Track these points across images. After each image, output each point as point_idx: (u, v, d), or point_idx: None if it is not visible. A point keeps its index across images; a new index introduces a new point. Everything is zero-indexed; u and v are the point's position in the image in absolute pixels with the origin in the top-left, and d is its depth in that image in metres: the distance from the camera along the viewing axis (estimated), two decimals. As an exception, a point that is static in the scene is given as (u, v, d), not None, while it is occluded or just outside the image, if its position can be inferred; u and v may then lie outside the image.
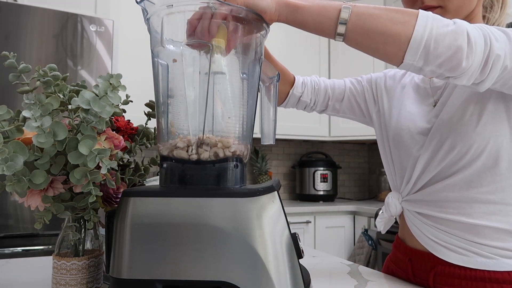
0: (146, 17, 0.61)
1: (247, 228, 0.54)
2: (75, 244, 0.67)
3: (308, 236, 2.64)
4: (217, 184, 0.58)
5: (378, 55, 0.62)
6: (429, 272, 0.80)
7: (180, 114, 0.61)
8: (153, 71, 0.63)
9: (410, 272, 0.85)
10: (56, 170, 0.60)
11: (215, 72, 0.59)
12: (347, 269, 0.93)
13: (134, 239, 0.55)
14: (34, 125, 0.54)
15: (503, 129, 0.73)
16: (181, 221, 0.55)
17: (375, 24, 0.60)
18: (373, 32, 0.60)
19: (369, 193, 3.45)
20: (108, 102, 0.59)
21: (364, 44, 0.62)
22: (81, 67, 1.96)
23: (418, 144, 0.82)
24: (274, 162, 3.28)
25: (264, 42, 0.67)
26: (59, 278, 0.65)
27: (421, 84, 0.88)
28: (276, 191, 0.59)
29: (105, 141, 0.64)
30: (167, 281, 0.54)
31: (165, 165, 0.60)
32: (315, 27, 0.62)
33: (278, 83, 0.77)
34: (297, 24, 0.63)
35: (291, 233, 0.58)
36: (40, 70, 0.63)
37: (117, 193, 0.70)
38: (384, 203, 0.93)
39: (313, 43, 3.06)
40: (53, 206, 0.62)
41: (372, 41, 0.61)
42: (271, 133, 0.76)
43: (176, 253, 0.54)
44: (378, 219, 0.96)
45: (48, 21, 1.90)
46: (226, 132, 0.60)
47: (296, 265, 0.56)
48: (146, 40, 0.76)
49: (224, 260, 0.53)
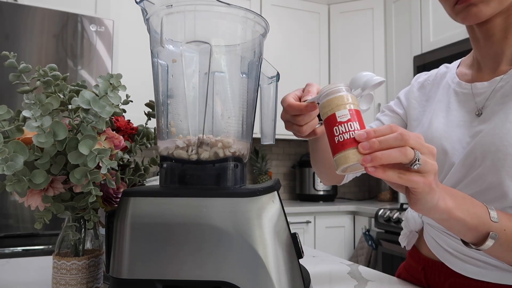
0: (146, 17, 0.61)
1: (247, 228, 0.54)
2: (75, 244, 0.67)
3: (308, 236, 2.64)
4: (217, 184, 0.58)
5: None
6: (444, 283, 0.78)
7: (180, 114, 0.61)
8: (152, 71, 0.63)
9: (424, 282, 0.83)
10: (56, 170, 0.60)
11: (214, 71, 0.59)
12: (347, 269, 0.93)
13: (134, 239, 0.55)
14: (34, 125, 0.54)
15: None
16: (181, 221, 0.55)
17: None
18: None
19: (369, 193, 3.45)
20: (108, 102, 0.59)
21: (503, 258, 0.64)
22: (81, 67, 1.96)
23: (451, 164, 0.75)
24: (274, 162, 3.28)
25: (263, 42, 0.67)
26: (59, 278, 0.65)
27: (459, 89, 0.80)
28: (276, 191, 0.59)
29: (105, 141, 0.64)
30: (167, 281, 0.54)
31: (165, 165, 0.60)
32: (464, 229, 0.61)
33: (278, 83, 0.77)
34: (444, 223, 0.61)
35: (291, 233, 0.58)
36: (40, 70, 0.63)
37: (117, 193, 0.70)
38: (404, 218, 0.90)
39: (313, 46, 3.06)
40: (53, 206, 0.62)
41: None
42: (271, 133, 0.76)
43: (176, 253, 0.54)
44: (401, 235, 0.93)
45: (48, 21, 1.90)
46: (226, 132, 0.60)
47: (296, 265, 0.56)
48: (146, 40, 0.76)
49: (224, 260, 0.53)
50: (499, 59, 0.74)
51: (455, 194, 0.59)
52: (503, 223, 0.60)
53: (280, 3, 2.98)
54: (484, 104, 0.74)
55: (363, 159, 0.51)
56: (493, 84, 0.73)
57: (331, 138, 0.55)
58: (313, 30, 3.07)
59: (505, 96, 0.71)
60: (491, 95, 0.73)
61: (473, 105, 0.76)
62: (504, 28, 0.72)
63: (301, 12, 3.05)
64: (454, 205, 0.57)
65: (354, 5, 3.05)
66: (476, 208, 0.59)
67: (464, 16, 0.71)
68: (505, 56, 0.73)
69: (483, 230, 0.59)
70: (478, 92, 0.76)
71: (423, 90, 0.89)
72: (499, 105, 0.71)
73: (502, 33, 0.72)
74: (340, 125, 0.54)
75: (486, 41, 0.75)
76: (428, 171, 0.52)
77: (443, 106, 0.81)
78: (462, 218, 0.58)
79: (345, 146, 0.53)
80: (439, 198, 0.55)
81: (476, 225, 0.59)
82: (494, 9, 0.69)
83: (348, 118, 0.54)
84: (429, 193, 0.53)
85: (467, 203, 0.59)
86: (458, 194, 0.59)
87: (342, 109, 0.54)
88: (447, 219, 0.58)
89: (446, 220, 0.58)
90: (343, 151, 0.53)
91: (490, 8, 0.69)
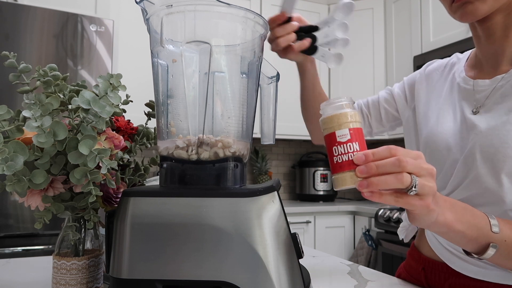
0: (146, 17, 0.61)
1: (247, 228, 0.54)
2: (75, 244, 0.67)
3: (308, 236, 2.64)
4: (217, 184, 0.58)
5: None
6: (444, 283, 0.78)
7: (180, 114, 0.61)
8: (152, 71, 0.63)
9: (424, 282, 0.83)
10: (56, 170, 0.60)
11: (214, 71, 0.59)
12: (347, 269, 0.93)
13: (134, 239, 0.55)
14: (34, 125, 0.54)
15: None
16: (181, 221, 0.55)
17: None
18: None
19: (369, 193, 3.44)
20: (108, 102, 0.59)
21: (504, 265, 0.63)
22: (81, 67, 1.96)
23: (454, 160, 0.75)
24: (274, 162, 3.28)
25: (263, 42, 0.67)
26: (59, 278, 0.65)
27: (462, 84, 0.80)
28: (276, 191, 0.59)
29: (105, 141, 0.64)
30: (167, 281, 0.54)
31: (165, 165, 0.60)
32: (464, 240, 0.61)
33: (278, 83, 0.77)
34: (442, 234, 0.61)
35: (291, 233, 0.58)
36: (40, 70, 0.63)
37: (117, 193, 0.70)
38: (405, 210, 0.91)
39: (313, 43, 3.05)
40: (53, 206, 0.62)
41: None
42: (271, 133, 0.76)
43: (176, 253, 0.54)
44: (400, 227, 0.93)
45: (48, 21, 1.90)
46: (226, 132, 0.60)
47: (296, 265, 0.56)
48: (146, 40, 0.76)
49: (224, 260, 0.53)
50: (500, 58, 0.74)
51: (455, 206, 0.59)
52: (504, 234, 0.60)
53: (280, 3, 2.98)
54: (484, 103, 0.74)
55: (359, 184, 0.51)
56: (494, 82, 0.73)
57: (330, 157, 0.55)
58: (313, 30, 3.06)
59: (504, 95, 0.71)
60: (491, 93, 0.73)
61: (472, 102, 0.76)
62: (504, 26, 0.72)
63: (301, 12, 3.05)
64: (453, 218, 0.57)
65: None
66: (476, 220, 0.59)
67: (461, 14, 0.71)
68: (506, 56, 0.73)
69: (483, 241, 0.59)
70: (479, 90, 0.75)
71: (429, 79, 0.89)
72: (497, 104, 0.71)
73: (503, 31, 0.73)
74: (339, 146, 0.54)
75: (487, 40, 0.75)
76: (426, 194, 0.52)
77: (450, 103, 0.80)
78: (461, 231, 0.58)
79: (343, 168, 0.53)
80: (438, 214, 0.55)
81: (476, 237, 0.59)
82: (491, 7, 0.69)
83: (348, 139, 0.53)
84: (426, 214, 0.54)
85: (467, 215, 0.59)
86: (459, 206, 0.59)
87: (343, 128, 0.54)
88: (447, 232, 0.58)
89: (446, 233, 0.59)
90: (341, 172, 0.53)
91: (486, 5, 0.69)
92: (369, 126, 1.02)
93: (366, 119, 1.01)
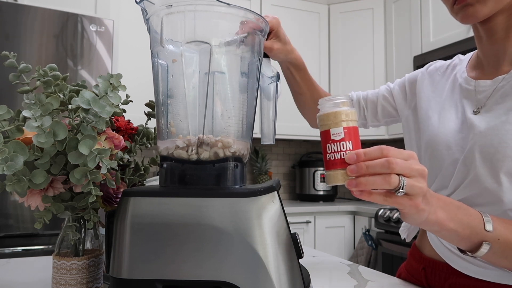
0: (146, 17, 0.61)
1: (247, 228, 0.54)
2: (75, 244, 0.67)
3: (308, 236, 2.64)
4: (217, 184, 0.58)
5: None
6: (444, 283, 0.78)
7: (180, 114, 0.61)
8: (152, 71, 0.63)
9: (424, 282, 0.83)
10: (56, 170, 0.60)
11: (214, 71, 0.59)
12: (347, 269, 0.93)
13: (134, 239, 0.55)
14: (34, 125, 0.54)
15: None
16: (181, 221, 0.55)
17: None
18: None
19: (369, 193, 3.44)
20: (108, 102, 0.59)
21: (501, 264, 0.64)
22: (81, 67, 1.96)
23: (455, 160, 0.75)
24: (274, 162, 3.28)
25: (263, 42, 0.67)
26: (59, 278, 0.65)
27: (464, 84, 0.80)
28: (276, 191, 0.59)
29: (105, 141, 0.64)
30: (167, 281, 0.54)
31: (165, 165, 0.60)
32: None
33: (278, 83, 0.77)
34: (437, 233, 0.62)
35: (291, 233, 0.58)
36: (40, 70, 0.63)
37: (117, 193, 0.70)
38: None
39: (313, 46, 3.06)
40: (53, 206, 0.62)
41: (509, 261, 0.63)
42: (271, 133, 0.76)
43: (176, 253, 0.54)
44: (402, 227, 0.94)
45: (48, 21, 1.90)
46: (226, 132, 0.60)
47: (296, 265, 0.56)
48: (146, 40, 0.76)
49: (224, 260, 0.53)
50: (501, 58, 0.74)
51: (449, 204, 0.59)
52: (498, 232, 0.60)
53: (280, 3, 2.98)
54: (485, 103, 0.74)
55: (348, 183, 0.53)
56: (495, 83, 0.73)
57: (324, 153, 0.57)
58: (313, 30, 3.07)
59: (505, 96, 0.71)
60: (492, 94, 0.73)
61: (474, 102, 0.76)
62: (506, 27, 0.72)
63: (301, 12, 3.05)
64: (445, 217, 0.58)
65: (354, 5, 3.05)
66: (470, 218, 0.60)
67: (462, 16, 0.71)
68: (507, 56, 0.74)
69: (476, 240, 0.60)
70: (480, 90, 0.76)
71: (431, 78, 0.90)
72: (498, 104, 0.71)
73: (504, 32, 0.73)
74: (333, 144, 0.55)
75: (488, 40, 0.75)
76: (415, 194, 0.53)
77: (451, 104, 0.81)
78: (453, 229, 0.59)
79: (335, 166, 0.55)
80: (429, 213, 0.56)
81: (469, 235, 0.60)
82: (491, 9, 0.69)
83: (342, 137, 0.55)
84: (416, 213, 0.55)
85: (461, 214, 0.60)
86: (452, 205, 0.60)
87: (338, 126, 0.55)
88: (439, 230, 0.59)
89: (438, 231, 0.59)
90: (333, 170, 0.55)
91: (487, 7, 0.69)
92: (364, 118, 1.03)
93: (362, 111, 1.02)
